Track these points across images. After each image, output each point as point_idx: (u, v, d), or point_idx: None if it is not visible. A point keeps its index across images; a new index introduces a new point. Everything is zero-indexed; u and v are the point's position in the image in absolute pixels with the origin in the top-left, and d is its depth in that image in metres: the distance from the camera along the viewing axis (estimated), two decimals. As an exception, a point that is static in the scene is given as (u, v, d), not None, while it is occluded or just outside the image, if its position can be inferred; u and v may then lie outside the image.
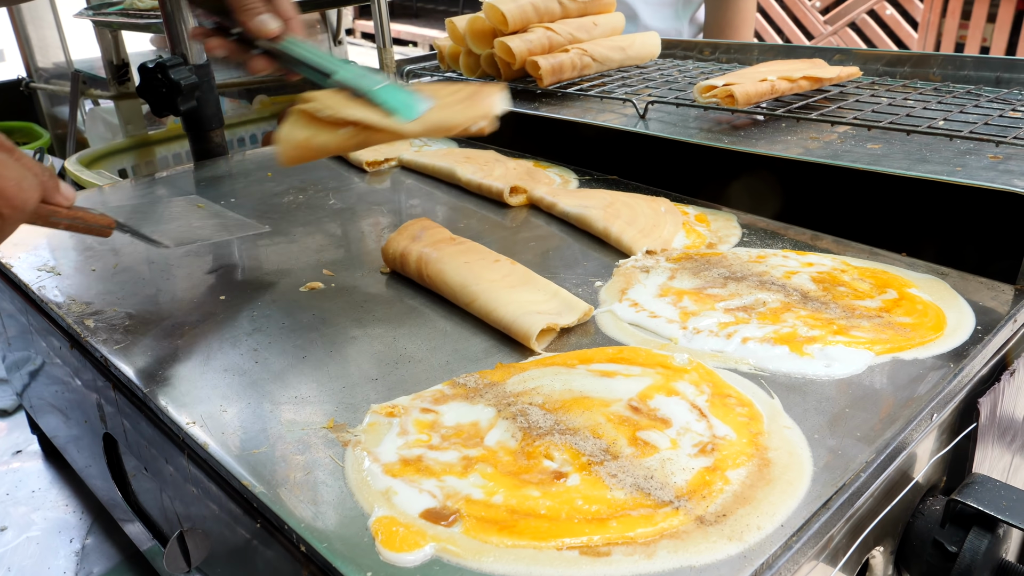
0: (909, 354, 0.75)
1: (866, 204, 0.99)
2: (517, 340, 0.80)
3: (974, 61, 1.32)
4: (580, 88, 1.38)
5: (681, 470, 0.60)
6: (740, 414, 0.66)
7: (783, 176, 1.05)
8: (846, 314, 0.81)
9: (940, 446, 0.73)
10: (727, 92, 1.16)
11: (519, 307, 0.81)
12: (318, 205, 1.22)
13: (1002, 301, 0.84)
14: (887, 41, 5.75)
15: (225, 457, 0.65)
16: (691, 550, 0.53)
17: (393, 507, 0.58)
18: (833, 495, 0.58)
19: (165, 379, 0.77)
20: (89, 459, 1.03)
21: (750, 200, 1.10)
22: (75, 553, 1.09)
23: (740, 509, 0.56)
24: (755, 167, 1.07)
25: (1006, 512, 0.68)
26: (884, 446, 0.62)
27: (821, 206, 1.04)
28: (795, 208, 1.06)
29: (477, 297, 0.84)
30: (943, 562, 0.70)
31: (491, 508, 0.57)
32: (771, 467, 0.60)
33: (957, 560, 0.69)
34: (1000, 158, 0.95)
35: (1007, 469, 0.88)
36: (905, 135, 1.04)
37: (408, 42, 8.68)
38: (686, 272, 0.91)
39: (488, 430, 0.65)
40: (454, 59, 1.54)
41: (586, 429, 0.65)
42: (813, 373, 0.72)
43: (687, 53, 1.68)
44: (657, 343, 0.79)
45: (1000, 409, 0.78)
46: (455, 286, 0.87)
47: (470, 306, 0.85)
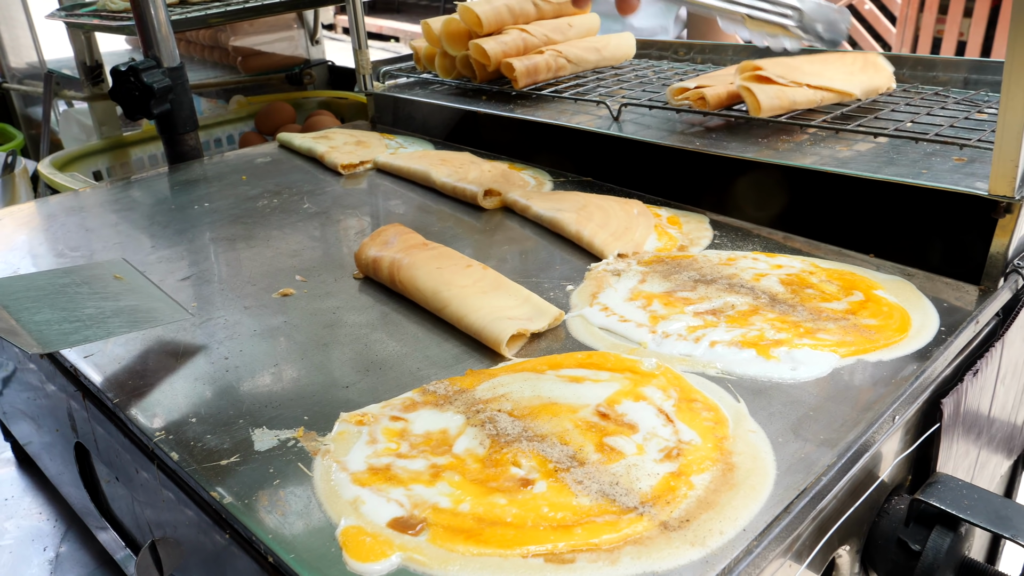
0: (873, 356, 0.76)
1: (835, 206, 1.00)
2: (488, 346, 0.80)
3: (943, 62, 1.34)
4: (555, 90, 1.39)
5: (646, 476, 0.61)
6: (706, 419, 0.67)
7: (754, 178, 1.06)
8: (813, 316, 0.82)
9: (904, 446, 0.74)
10: (699, 95, 1.17)
11: (490, 312, 0.82)
12: (293, 209, 1.22)
13: (966, 301, 0.85)
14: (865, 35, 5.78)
15: (194, 467, 0.65)
16: (654, 556, 0.54)
17: (361, 516, 0.58)
18: (795, 499, 0.59)
19: (135, 388, 0.77)
20: (62, 467, 1.03)
21: (722, 202, 1.11)
22: (49, 562, 1.09)
23: (703, 514, 0.57)
24: (726, 169, 1.08)
25: (967, 511, 0.69)
26: (846, 449, 0.63)
27: (792, 208, 1.05)
28: (766, 210, 1.07)
29: (448, 303, 0.85)
30: (907, 560, 0.71)
31: (458, 516, 0.58)
32: (735, 472, 0.61)
33: (920, 558, 0.70)
34: (964, 160, 0.96)
35: (972, 466, 0.89)
36: (872, 137, 1.06)
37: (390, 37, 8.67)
38: (657, 275, 0.92)
39: (457, 437, 0.66)
40: (430, 60, 1.55)
41: (554, 436, 0.65)
42: (779, 376, 0.73)
43: (662, 53, 1.69)
44: (626, 348, 0.79)
45: (964, 408, 0.79)
46: (427, 292, 0.87)
47: (442, 312, 0.85)
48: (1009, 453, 1.06)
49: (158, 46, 1.42)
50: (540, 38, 1.43)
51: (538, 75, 1.39)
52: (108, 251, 1.09)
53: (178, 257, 1.07)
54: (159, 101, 1.42)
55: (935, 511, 0.70)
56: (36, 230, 1.19)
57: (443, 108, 1.47)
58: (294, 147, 1.52)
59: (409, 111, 1.57)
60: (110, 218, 1.23)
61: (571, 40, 1.48)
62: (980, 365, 0.80)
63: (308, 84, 2.48)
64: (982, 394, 0.84)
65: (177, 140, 1.50)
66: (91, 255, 1.08)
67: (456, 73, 1.50)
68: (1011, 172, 0.83)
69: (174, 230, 1.16)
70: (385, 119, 1.64)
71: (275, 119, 2.23)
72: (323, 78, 2.54)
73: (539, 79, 1.40)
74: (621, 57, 1.54)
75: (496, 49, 1.38)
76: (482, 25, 1.39)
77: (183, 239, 1.13)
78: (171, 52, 1.43)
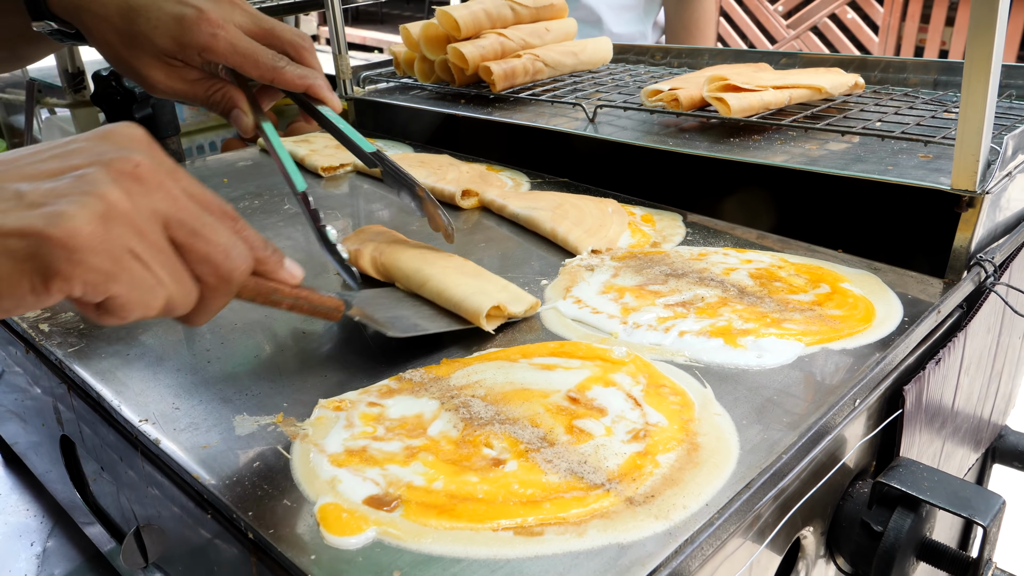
0: (838, 344, 0.78)
1: (805, 203, 1.03)
2: (467, 319, 0.82)
3: (913, 64, 1.37)
4: (532, 93, 1.42)
5: (614, 455, 0.63)
6: (673, 403, 0.69)
7: (725, 177, 1.09)
8: (780, 308, 0.84)
9: (868, 431, 0.76)
10: (672, 96, 1.19)
11: (470, 287, 0.84)
12: (273, 210, 1.24)
13: (930, 294, 0.88)
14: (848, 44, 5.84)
15: (176, 452, 0.67)
16: (619, 528, 0.56)
17: (338, 495, 0.60)
18: (756, 476, 0.61)
19: (119, 379, 0.79)
20: (49, 464, 1.04)
21: (695, 200, 1.14)
22: (36, 556, 1.10)
23: (668, 490, 0.59)
24: (698, 168, 1.11)
25: (927, 492, 0.71)
26: (807, 430, 0.66)
27: (763, 205, 1.07)
28: (738, 207, 1.10)
29: (430, 279, 0.86)
30: (870, 541, 0.73)
31: (431, 494, 0.60)
32: (699, 451, 0.63)
33: (882, 539, 0.72)
34: (930, 157, 0.99)
35: (938, 456, 0.91)
36: (840, 136, 1.08)
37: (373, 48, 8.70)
38: (629, 270, 0.94)
39: (431, 421, 0.68)
40: (409, 65, 1.57)
41: (525, 419, 0.67)
42: (745, 364, 0.76)
43: (639, 58, 1.72)
44: (598, 337, 0.81)
45: (926, 397, 0.81)
46: (408, 270, 0.89)
47: (423, 287, 0.87)
48: (976, 446, 1.08)
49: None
50: (518, 42, 1.45)
51: (516, 78, 1.42)
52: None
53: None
54: (141, 105, 1.44)
55: (897, 493, 0.73)
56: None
57: (423, 112, 1.50)
58: (276, 151, 1.54)
59: (389, 115, 1.60)
60: (93, 220, 1.24)
61: (548, 44, 1.50)
62: (943, 354, 0.83)
63: (290, 91, 2.49)
64: (945, 383, 0.86)
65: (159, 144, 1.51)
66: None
67: (435, 77, 1.53)
68: (972, 167, 0.86)
69: (157, 230, 1.18)
70: (366, 123, 1.66)
71: (257, 126, 2.24)
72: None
73: (517, 82, 1.43)
74: (598, 61, 1.57)
75: (474, 53, 1.40)
76: (460, 29, 1.41)
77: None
78: (153, 57, 1.45)
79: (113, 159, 0.54)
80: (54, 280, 0.50)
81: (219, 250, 0.58)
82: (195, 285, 0.58)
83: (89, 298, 0.52)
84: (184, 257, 0.57)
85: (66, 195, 0.51)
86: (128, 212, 0.53)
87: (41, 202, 0.50)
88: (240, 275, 0.60)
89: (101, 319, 0.55)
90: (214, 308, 0.61)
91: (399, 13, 9.42)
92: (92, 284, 0.51)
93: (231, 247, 0.59)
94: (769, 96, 1.13)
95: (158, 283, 0.55)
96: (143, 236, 0.53)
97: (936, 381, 0.83)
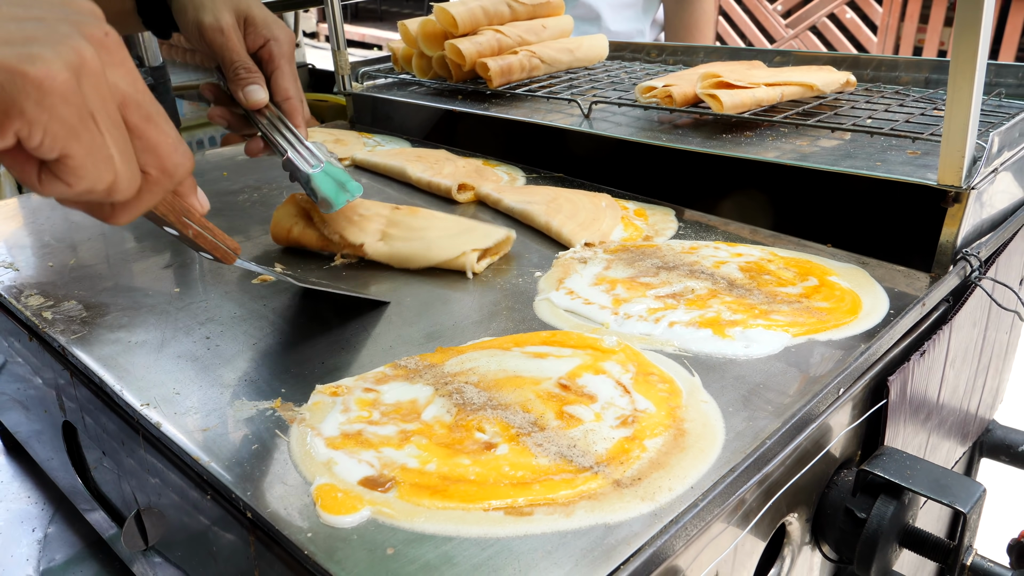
0: (824, 336, 0.80)
1: (795, 198, 1.05)
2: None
3: (905, 63, 1.38)
4: (528, 89, 1.43)
5: (602, 439, 0.65)
6: (661, 390, 0.71)
7: (718, 172, 1.11)
8: (768, 300, 0.86)
9: (853, 421, 0.78)
10: (666, 92, 1.21)
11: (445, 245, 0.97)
12: (273, 202, 1.26)
13: (916, 288, 0.90)
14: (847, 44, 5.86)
15: (176, 434, 0.69)
16: (607, 509, 0.57)
17: (333, 476, 0.62)
18: (740, 461, 0.62)
19: (120, 366, 0.80)
20: (51, 451, 1.06)
21: (687, 195, 1.16)
22: (37, 542, 1.12)
23: (654, 473, 0.61)
24: (691, 164, 1.13)
25: (910, 480, 0.73)
26: (791, 417, 0.67)
27: (755, 200, 1.09)
28: (730, 203, 1.12)
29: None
30: (854, 528, 0.75)
31: (424, 475, 0.61)
32: (686, 436, 0.65)
33: (865, 525, 0.74)
34: (918, 153, 1.00)
35: (923, 448, 0.93)
36: (831, 132, 1.10)
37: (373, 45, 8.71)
38: (621, 262, 0.96)
39: (425, 406, 0.70)
40: (407, 61, 1.58)
41: (517, 404, 0.69)
42: (733, 353, 0.77)
43: (635, 55, 1.73)
44: (590, 327, 0.83)
45: (911, 388, 0.83)
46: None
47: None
48: (963, 439, 1.10)
49: (141, 46, 1.46)
50: (514, 39, 1.47)
51: (512, 75, 1.43)
52: (92, 242, 1.12)
53: (161, 248, 1.10)
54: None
55: (880, 481, 0.75)
56: (20, 223, 1.22)
57: (420, 107, 1.51)
58: (274, 145, 1.55)
59: (387, 111, 1.61)
60: (94, 211, 1.26)
61: (545, 41, 1.52)
62: (927, 347, 0.85)
63: (289, 87, 2.51)
64: (930, 375, 0.88)
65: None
66: (76, 245, 1.11)
67: (432, 73, 1.54)
68: (958, 163, 0.87)
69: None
70: (364, 119, 1.68)
71: (257, 121, 2.26)
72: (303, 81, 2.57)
73: (513, 79, 1.44)
74: (594, 58, 1.59)
75: (471, 49, 1.42)
76: (457, 26, 1.43)
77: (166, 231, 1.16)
78: (153, 52, 1.47)
79: (83, 22, 0.52)
80: (14, 120, 0.48)
81: (168, 142, 0.58)
82: (139, 172, 0.57)
83: (44, 151, 0.51)
84: (133, 142, 0.56)
85: (39, 40, 0.49)
86: (98, 74, 0.52)
87: (14, 40, 0.49)
88: (183, 173, 0.60)
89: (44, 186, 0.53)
90: (145, 205, 0.60)
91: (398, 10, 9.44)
92: (53, 135, 0.50)
93: (179, 142, 0.59)
94: (761, 93, 1.15)
95: (111, 156, 0.53)
96: (105, 104, 0.52)
97: (921, 373, 0.84)
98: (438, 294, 0.93)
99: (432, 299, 0.92)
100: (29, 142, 0.50)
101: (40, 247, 1.11)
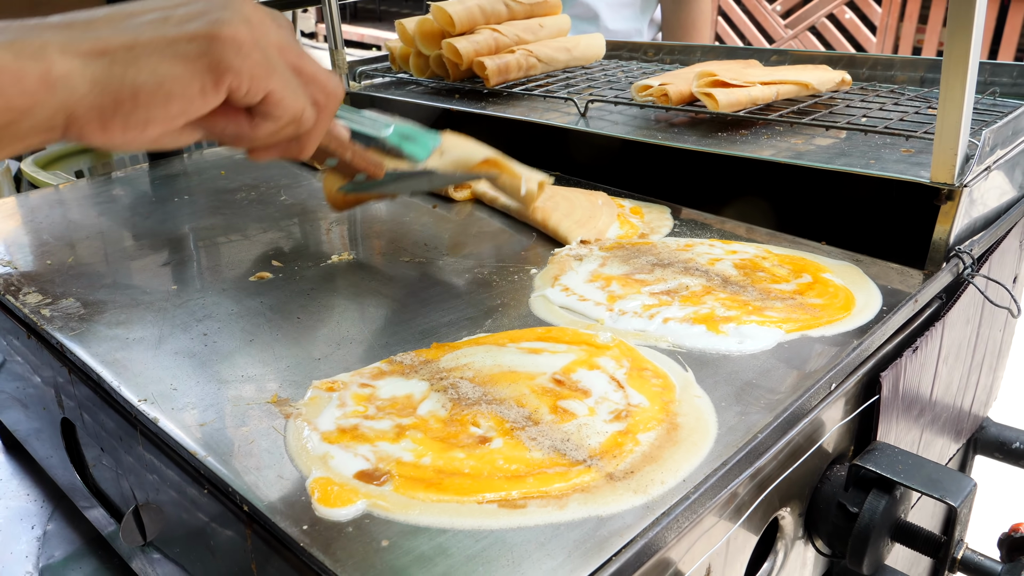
0: (817, 332, 0.80)
1: (790, 196, 1.05)
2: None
3: (901, 62, 1.39)
4: (525, 88, 1.44)
5: (596, 434, 0.65)
6: (655, 385, 0.72)
7: (713, 170, 1.11)
8: (762, 296, 0.86)
9: (845, 416, 0.79)
10: (662, 91, 1.22)
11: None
12: (270, 201, 1.26)
13: (910, 284, 0.90)
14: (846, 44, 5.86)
15: (173, 429, 0.69)
16: (599, 502, 0.58)
17: (329, 469, 0.62)
18: (733, 454, 0.63)
19: (118, 362, 0.81)
20: (50, 449, 1.06)
21: (683, 193, 1.16)
22: (36, 539, 1.12)
23: (647, 467, 0.62)
24: (687, 162, 1.13)
25: (901, 475, 0.74)
26: (783, 412, 0.68)
27: (750, 198, 1.10)
28: (726, 201, 1.12)
29: None
30: (846, 522, 0.76)
31: (419, 469, 0.62)
32: (679, 430, 0.66)
33: (857, 519, 0.74)
34: (912, 151, 1.01)
35: (917, 443, 0.94)
36: (824, 130, 1.11)
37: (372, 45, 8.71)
38: (617, 260, 0.97)
39: (420, 401, 0.70)
40: (404, 60, 1.59)
41: (511, 399, 0.70)
42: (726, 349, 0.78)
43: (632, 54, 1.74)
44: (584, 324, 0.84)
45: (903, 384, 0.84)
46: None
47: None
48: (957, 436, 1.11)
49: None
50: (511, 38, 1.47)
51: (509, 74, 1.44)
52: (91, 240, 1.12)
53: (159, 246, 1.11)
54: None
55: (872, 475, 0.75)
56: (19, 222, 1.23)
57: (417, 106, 1.52)
58: (273, 144, 1.56)
59: (384, 109, 1.61)
60: (91, 211, 1.26)
61: (542, 40, 1.52)
62: (920, 343, 0.85)
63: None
64: (923, 371, 0.89)
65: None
66: (75, 243, 1.11)
67: (430, 72, 1.55)
68: (951, 160, 0.88)
69: (155, 221, 1.20)
70: (362, 118, 1.68)
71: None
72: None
73: (510, 77, 1.45)
74: (591, 57, 1.59)
75: (468, 48, 1.42)
76: (455, 25, 1.43)
77: (163, 229, 1.17)
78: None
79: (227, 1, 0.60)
80: (225, 75, 0.57)
81: (323, 72, 0.66)
82: (311, 101, 0.65)
83: (251, 95, 0.60)
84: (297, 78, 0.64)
85: (213, 9, 0.58)
86: (263, 23, 0.60)
87: (192, 18, 0.57)
88: (341, 93, 0.69)
89: (256, 128, 0.63)
90: (321, 128, 0.69)
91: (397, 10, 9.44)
92: (256, 78, 0.59)
93: (330, 71, 0.67)
94: (757, 92, 1.15)
95: (296, 87, 0.63)
96: (274, 47, 0.61)
97: (913, 369, 0.85)
98: (435, 291, 0.94)
99: (429, 296, 0.92)
100: (239, 91, 0.59)
101: (38, 245, 1.12)
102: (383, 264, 1.02)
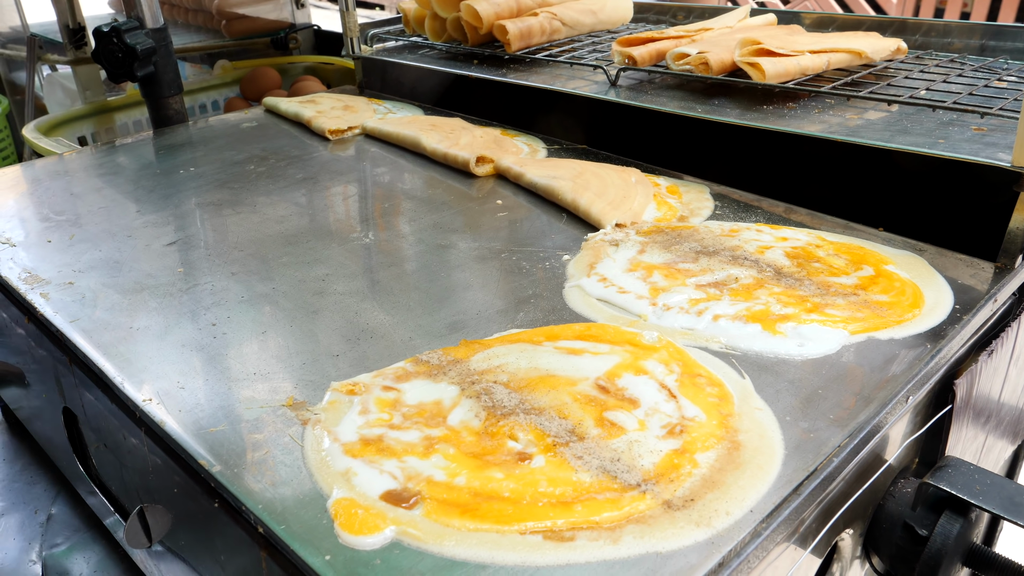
0: (885, 334, 0.73)
1: (843, 176, 0.97)
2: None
3: (958, 28, 1.30)
4: (549, 54, 1.36)
5: (649, 452, 0.58)
6: (710, 394, 0.65)
7: (757, 146, 1.03)
8: (821, 291, 0.79)
9: (914, 428, 0.72)
10: (702, 59, 1.13)
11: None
12: (280, 175, 1.19)
13: (981, 279, 0.83)
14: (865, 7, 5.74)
15: (182, 436, 0.63)
16: (657, 535, 0.51)
17: (352, 488, 0.56)
18: (804, 480, 0.56)
19: (122, 354, 0.74)
20: (51, 433, 1.00)
21: (724, 171, 1.08)
22: (40, 524, 1.07)
23: (709, 494, 0.55)
24: (729, 137, 1.05)
25: (979, 497, 0.66)
26: (858, 429, 0.61)
27: (796, 177, 1.02)
28: (769, 179, 1.04)
29: None
30: (913, 545, 0.69)
31: (453, 490, 0.55)
32: (741, 450, 0.59)
33: (928, 544, 0.67)
34: (984, 130, 0.93)
35: (979, 450, 0.87)
36: (886, 105, 1.03)
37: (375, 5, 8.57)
38: (656, 246, 0.89)
39: (451, 409, 0.63)
40: (419, 23, 1.51)
41: (552, 409, 0.63)
42: (786, 352, 0.71)
43: (660, 18, 1.65)
44: (626, 320, 0.77)
45: (976, 391, 0.77)
46: None
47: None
48: (1014, 437, 1.04)
49: (141, 6, 1.38)
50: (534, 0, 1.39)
51: (532, 38, 1.36)
52: (93, 215, 1.05)
53: (164, 222, 1.03)
54: (143, 63, 1.38)
55: (945, 495, 0.68)
56: (21, 194, 1.16)
57: (433, 72, 1.44)
58: (280, 112, 1.48)
59: (398, 75, 1.54)
60: (95, 183, 1.19)
61: (566, 2, 1.44)
62: (995, 346, 0.78)
63: (294, 49, 2.42)
64: (995, 376, 0.82)
65: (162, 104, 1.46)
66: (77, 219, 1.05)
67: (447, 36, 1.47)
68: (1038, 143, 0.80)
69: (160, 195, 1.13)
70: (373, 84, 1.60)
71: (260, 84, 2.19)
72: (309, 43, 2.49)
73: (533, 42, 1.37)
74: (618, 20, 1.51)
75: (488, 11, 1.34)
76: (475, -14, 1.35)
77: (169, 204, 1.09)
78: (154, 13, 1.39)
79: None
80: None
81: None
82: None
83: None
84: None
85: None
86: None
87: None
88: None
89: None
90: None
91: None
92: None
93: None
94: (807, 61, 1.07)
95: None
96: None
97: (987, 374, 0.78)
98: (459, 278, 0.86)
99: (453, 283, 0.85)
100: None
101: (40, 221, 1.05)
102: (403, 246, 0.94)
